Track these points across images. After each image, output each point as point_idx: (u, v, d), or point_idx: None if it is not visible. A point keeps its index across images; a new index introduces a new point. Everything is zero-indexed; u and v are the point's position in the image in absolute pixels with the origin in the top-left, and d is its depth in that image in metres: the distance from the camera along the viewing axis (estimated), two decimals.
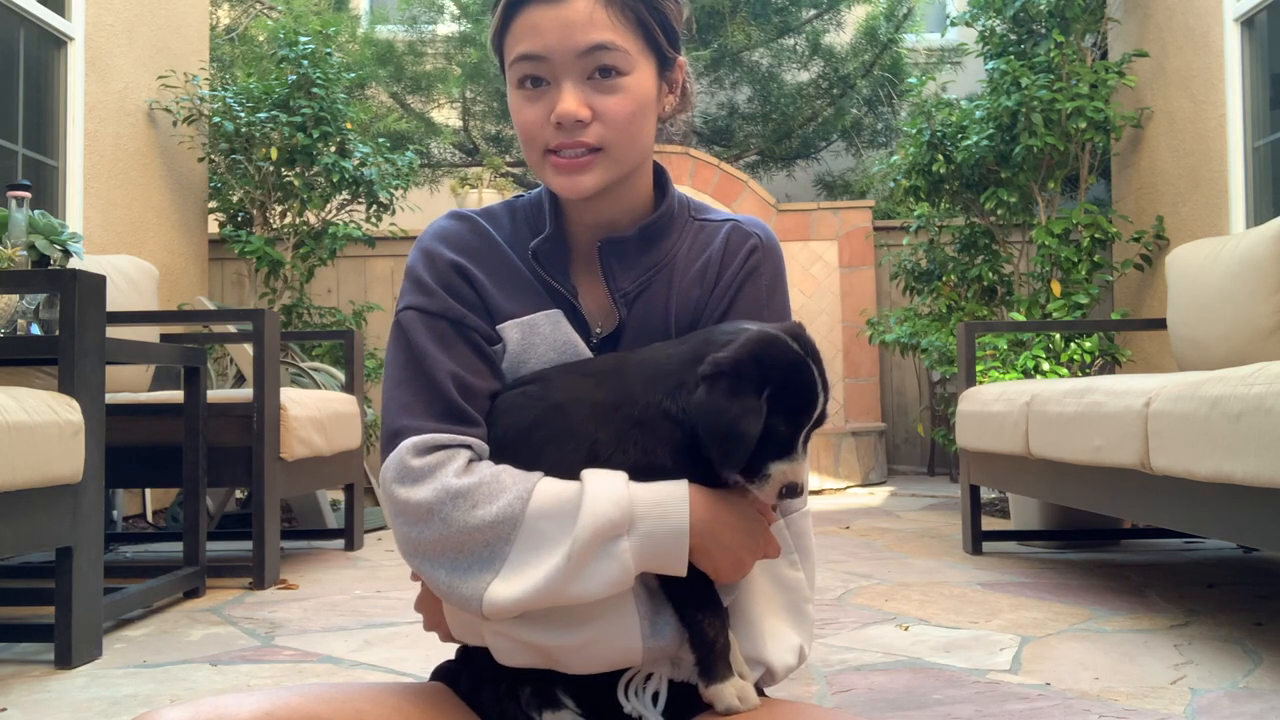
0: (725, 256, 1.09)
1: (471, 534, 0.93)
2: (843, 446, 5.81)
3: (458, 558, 0.94)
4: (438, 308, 1.03)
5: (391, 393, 1.02)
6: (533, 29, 1.00)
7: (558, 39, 0.99)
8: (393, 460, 0.98)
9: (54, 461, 2.08)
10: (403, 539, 0.97)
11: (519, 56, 1.01)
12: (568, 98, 0.99)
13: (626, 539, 0.92)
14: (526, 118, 1.02)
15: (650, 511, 0.93)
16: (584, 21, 0.99)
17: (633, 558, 0.92)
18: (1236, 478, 1.94)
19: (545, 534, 0.93)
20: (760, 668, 1.04)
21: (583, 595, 0.92)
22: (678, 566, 0.93)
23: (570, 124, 0.99)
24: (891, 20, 7.34)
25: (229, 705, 0.92)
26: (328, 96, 4.99)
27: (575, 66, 0.99)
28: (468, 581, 0.94)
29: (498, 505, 0.94)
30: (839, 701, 1.82)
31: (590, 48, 0.99)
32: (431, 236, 1.08)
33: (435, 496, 0.95)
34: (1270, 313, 2.92)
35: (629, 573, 0.92)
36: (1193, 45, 4.44)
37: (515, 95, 1.03)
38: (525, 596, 0.91)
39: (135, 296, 3.51)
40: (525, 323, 1.05)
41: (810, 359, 0.95)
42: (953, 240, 5.09)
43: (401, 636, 2.36)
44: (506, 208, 1.13)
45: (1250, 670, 1.98)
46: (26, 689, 1.99)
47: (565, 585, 0.91)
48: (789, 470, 0.93)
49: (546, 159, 1.03)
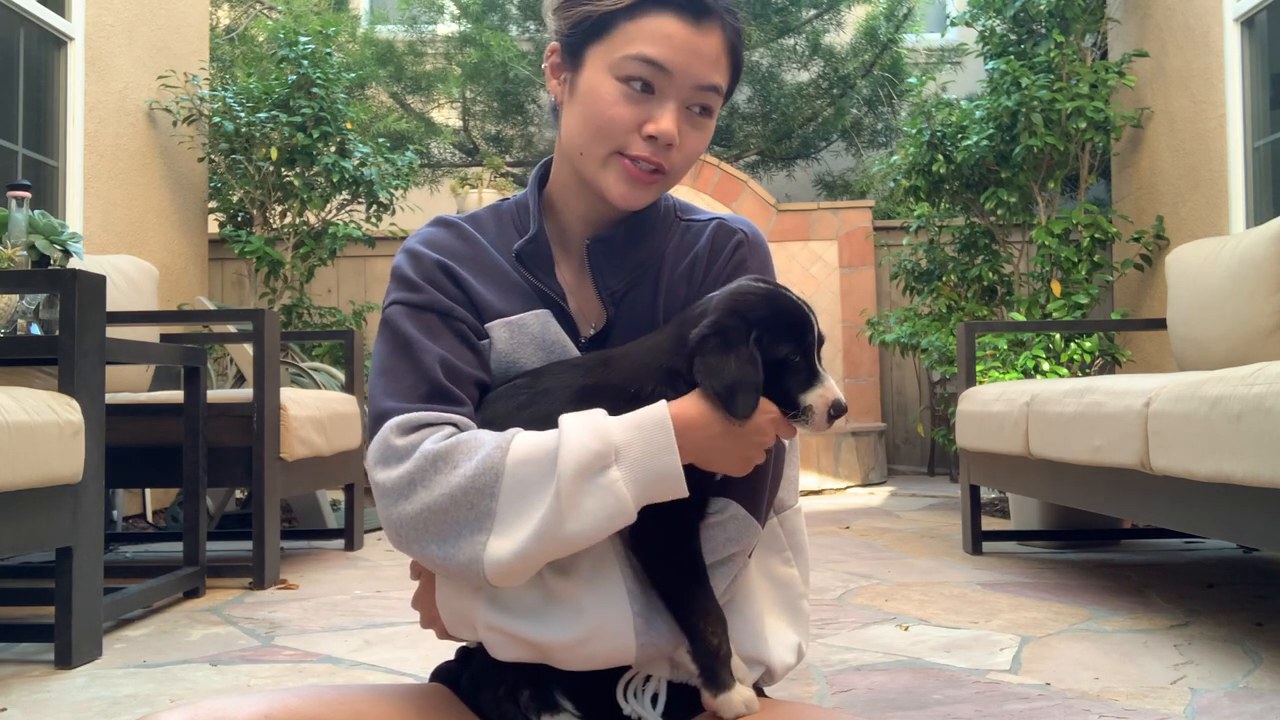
0: (711, 253, 1.10)
1: (454, 496, 0.92)
2: (843, 446, 5.81)
3: (445, 525, 0.92)
4: (424, 301, 1.04)
5: (377, 380, 1.02)
6: (667, 38, 1.00)
7: (686, 63, 1.00)
8: (377, 441, 0.97)
9: (54, 461, 2.08)
10: (388, 521, 0.96)
11: (644, 57, 1.00)
12: (671, 120, 1.01)
13: (615, 468, 0.90)
14: (618, 114, 1.01)
15: (634, 436, 0.91)
16: (714, 58, 1.02)
17: (626, 487, 0.89)
18: (1236, 478, 1.94)
19: (530, 480, 0.90)
20: (760, 667, 1.04)
21: (581, 534, 0.89)
22: (677, 487, 0.91)
23: (664, 145, 1.01)
24: (891, 20, 7.34)
25: (228, 707, 0.92)
26: (328, 96, 4.99)
27: (686, 94, 1.02)
28: (461, 547, 0.91)
29: (476, 459, 0.92)
30: (839, 701, 1.82)
31: (709, 86, 1.02)
32: (416, 241, 1.09)
33: (415, 465, 0.94)
34: (1270, 313, 2.92)
35: (625, 503, 0.89)
36: (1193, 45, 4.44)
37: (611, 85, 1.01)
38: (523, 546, 0.89)
39: (135, 296, 3.51)
40: (513, 322, 1.05)
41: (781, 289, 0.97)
42: (953, 240, 5.09)
43: (401, 636, 2.36)
44: (492, 211, 1.14)
45: (1250, 670, 1.98)
46: (26, 689, 1.99)
47: (560, 526, 0.89)
48: (824, 393, 0.94)
49: (615, 159, 1.03)
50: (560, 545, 0.90)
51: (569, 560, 0.96)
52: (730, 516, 1.00)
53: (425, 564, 0.96)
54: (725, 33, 1.02)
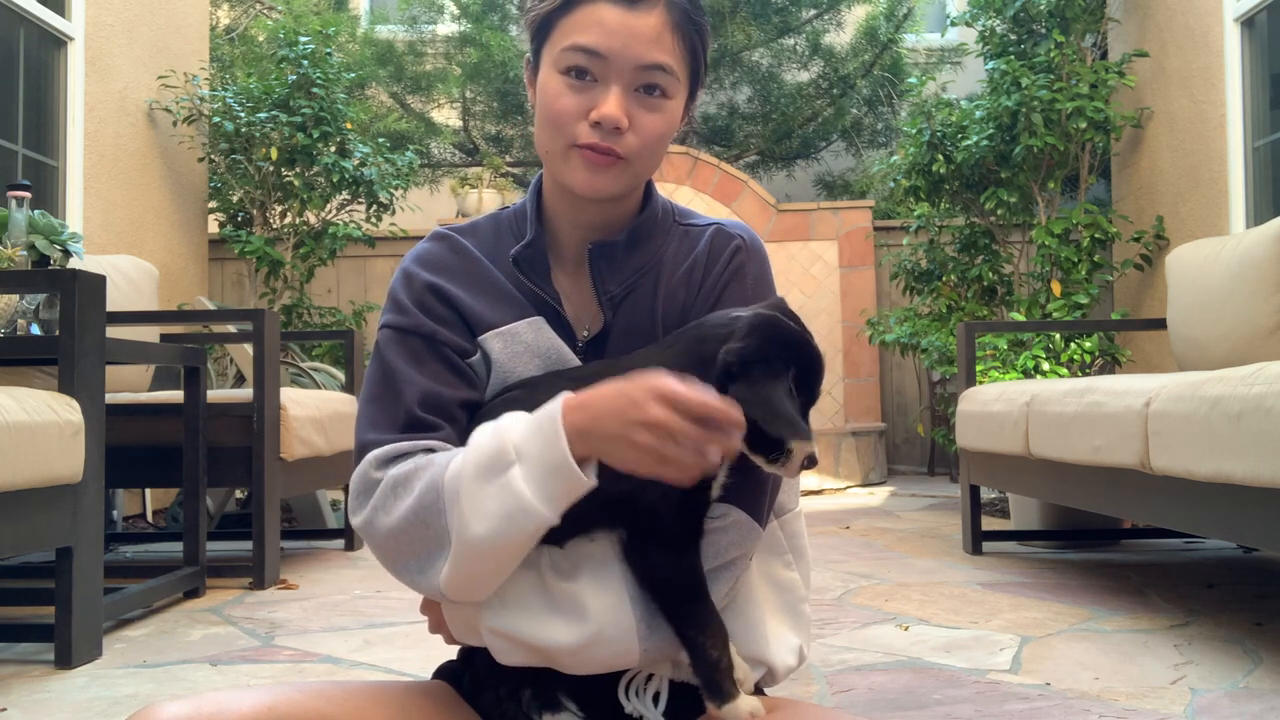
0: (710, 258, 1.10)
1: (409, 519, 0.94)
2: (843, 446, 5.81)
3: (413, 548, 0.94)
4: (410, 324, 1.05)
5: (363, 408, 1.04)
6: (599, 24, 1.00)
7: (622, 45, 1.00)
8: (357, 475, 1.00)
9: (54, 461, 2.08)
10: (376, 551, 0.98)
11: (577, 46, 1.00)
12: (614, 103, 1.00)
13: (516, 466, 0.90)
14: (564, 106, 1.01)
15: (530, 432, 0.90)
16: (652, 38, 1.01)
17: (525, 484, 0.89)
18: (1236, 478, 1.94)
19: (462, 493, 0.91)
20: (761, 668, 1.04)
21: (487, 538, 0.89)
22: (572, 478, 0.88)
23: (609, 129, 1.01)
24: (891, 20, 7.33)
25: (230, 700, 0.92)
26: (328, 96, 4.99)
27: (628, 76, 1.01)
28: (433, 567, 0.94)
29: (424, 480, 0.94)
30: (839, 701, 1.82)
31: (650, 65, 1.01)
32: (410, 259, 1.11)
33: (380, 494, 0.96)
34: (1270, 313, 2.92)
35: (523, 499, 0.88)
36: (1193, 45, 4.44)
37: (555, 79, 1.02)
38: (452, 560, 0.91)
39: (135, 296, 3.51)
40: (506, 332, 1.06)
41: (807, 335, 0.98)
42: (953, 240, 5.09)
43: (401, 636, 2.36)
44: (491, 220, 1.15)
45: (1250, 670, 1.98)
46: (26, 689, 1.99)
47: (465, 530, 0.90)
48: (805, 446, 0.94)
49: (572, 151, 1.03)
50: (476, 553, 0.90)
51: (571, 564, 0.96)
52: (732, 521, 1.00)
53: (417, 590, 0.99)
54: (669, 11, 1.02)
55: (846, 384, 6.22)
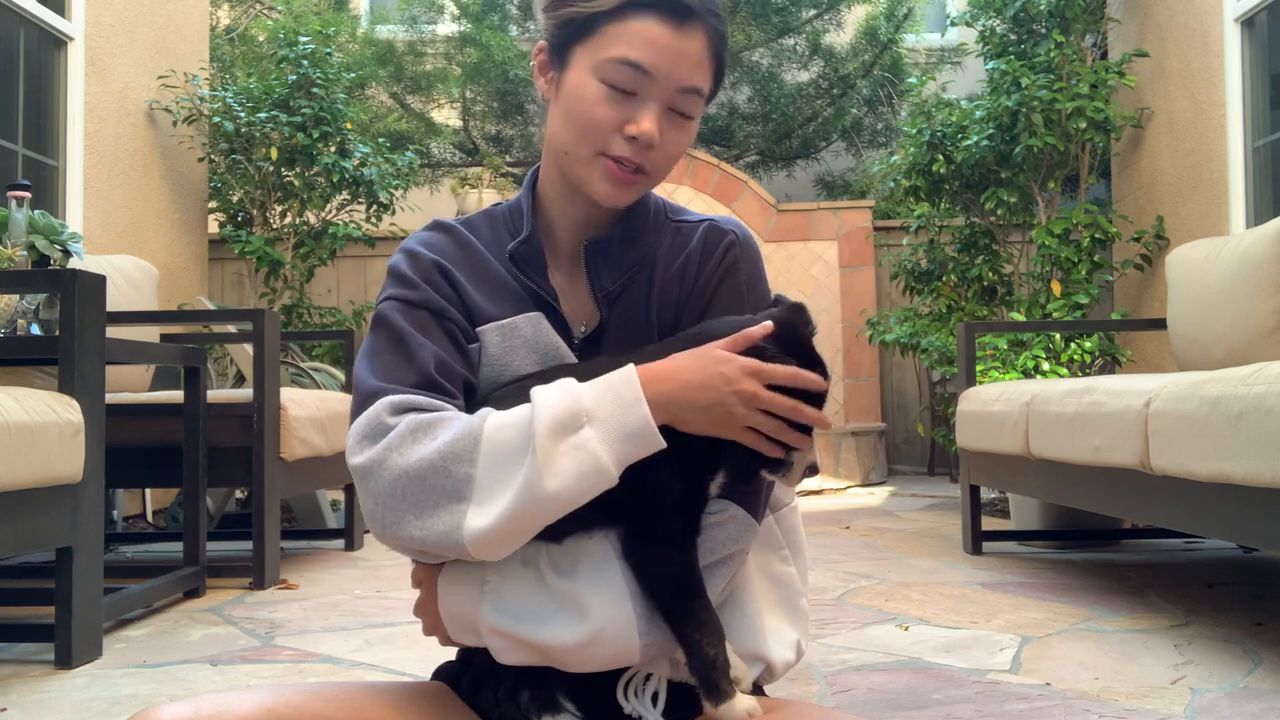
0: (703, 254, 1.11)
1: (433, 461, 0.91)
2: (843, 446, 5.81)
3: (422, 494, 0.91)
4: (419, 299, 1.04)
5: (368, 365, 1.01)
6: (649, 42, 1.00)
7: (669, 67, 1.01)
8: (366, 416, 0.96)
9: (54, 461, 2.08)
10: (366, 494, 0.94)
11: (625, 60, 1.00)
12: (652, 121, 1.02)
13: (588, 428, 0.91)
14: (601, 115, 1.02)
15: (603, 397, 0.92)
16: (695, 62, 1.02)
17: (601, 445, 0.90)
18: (1236, 478, 1.94)
19: (507, 444, 0.91)
20: (760, 664, 1.04)
21: (559, 495, 0.89)
22: (651, 441, 0.91)
23: (644, 145, 1.02)
24: (891, 20, 7.33)
25: (230, 701, 0.92)
26: (328, 96, 4.99)
27: (668, 96, 1.02)
28: (440, 517, 0.91)
29: (455, 428, 0.93)
30: (839, 701, 1.82)
31: (690, 89, 1.03)
32: (413, 241, 1.10)
33: (398, 433, 0.93)
34: (1270, 313, 2.92)
35: (601, 462, 0.90)
36: (1193, 45, 4.44)
37: (595, 87, 1.02)
38: (505, 511, 0.89)
39: (135, 296, 3.51)
40: (505, 325, 1.06)
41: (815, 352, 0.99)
42: (953, 240, 5.09)
43: (401, 636, 2.36)
44: (485, 215, 1.15)
45: (1250, 670, 1.98)
46: (26, 689, 1.99)
47: (538, 485, 0.89)
48: (808, 453, 0.97)
49: (599, 160, 1.03)
50: (540, 508, 0.90)
51: (570, 562, 0.96)
52: (729, 517, 1.00)
53: (404, 547, 0.95)
54: (708, 35, 1.03)
55: (846, 384, 6.22)
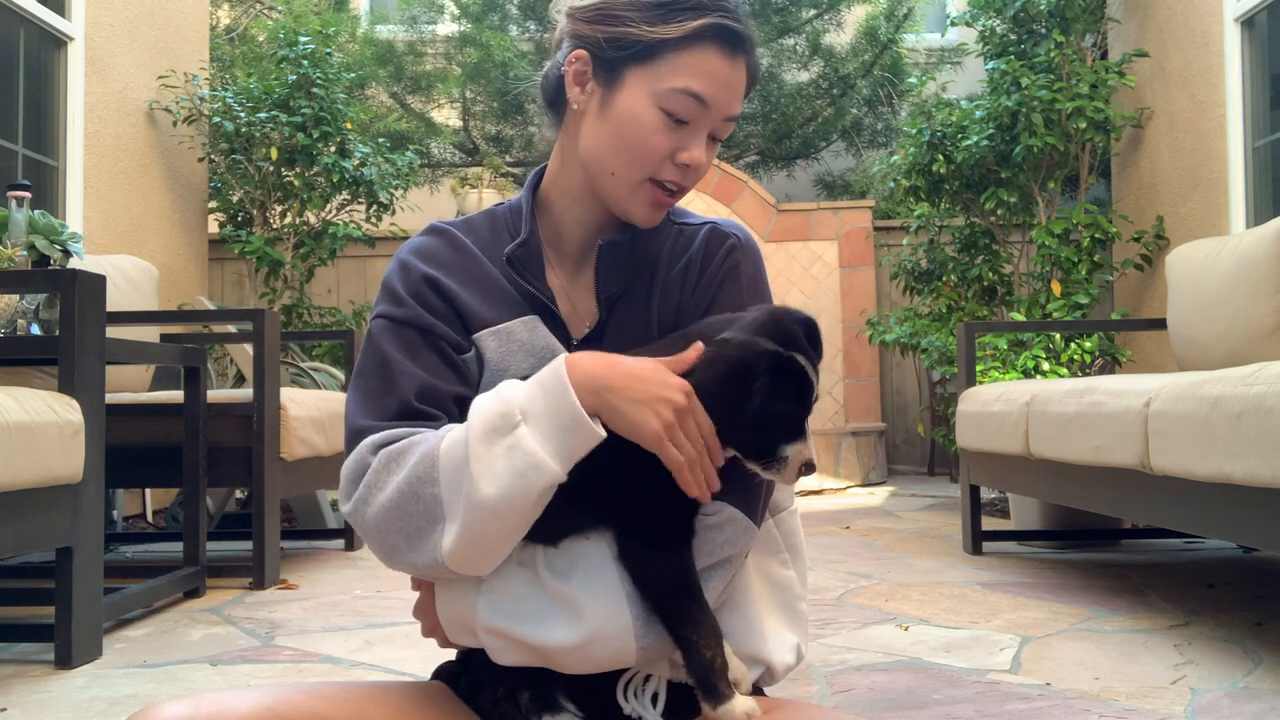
0: (705, 257, 1.11)
1: (402, 490, 0.94)
2: (843, 446, 5.81)
3: (404, 523, 0.94)
4: (406, 316, 1.05)
5: (355, 395, 1.04)
6: (711, 75, 1.02)
7: (724, 99, 1.03)
8: (351, 459, 0.99)
9: (54, 461, 2.08)
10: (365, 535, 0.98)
11: (691, 92, 1.01)
12: (703, 149, 1.05)
13: (523, 426, 0.91)
14: (658, 144, 1.03)
15: (534, 392, 0.93)
16: (739, 92, 1.05)
17: (536, 442, 0.90)
18: (1236, 478, 1.94)
19: (457, 458, 0.92)
20: (760, 667, 1.04)
21: (499, 498, 0.90)
22: (586, 432, 0.91)
23: (694, 173, 1.05)
24: (891, 20, 7.33)
25: (230, 701, 0.92)
26: (328, 96, 4.99)
27: (716, 125, 1.05)
28: (428, 541, 0.93)
29: (419, 451, 0.94)
30: (839, 701, 1.82)
31: (732, 118, 1.06)
32: (407, 250, 1.10)
33: (374, 470, 0.96)
34: (1270, 313, 2.92)
35: (537, 458, 0.90)
36: (1193, 45, 4.44)
37: (653, 114, 1.02)
38: (461, 526, 0.91)
39: (135, 296, 3.51)
40: (501, 330, 1.06)
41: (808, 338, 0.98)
42: (953, 240, 5.09)
43: (401, 636, 2.36)
44: (487, 216, 1.15)
45: (1250, 670, 1.98)
46: (26, 689, 1.99)
47: (476, 491, 0.90)
48: (803, 450, 0.95)
49: (645, 186, 1.05)
50: (488, 515, 0.91)
51: (567, 563, 0.96)
52: (727, 519, 1.00)
53: (412, 572, 0.98)
54: (750, 65, 1.06)
55: (846, 384, 6.22)
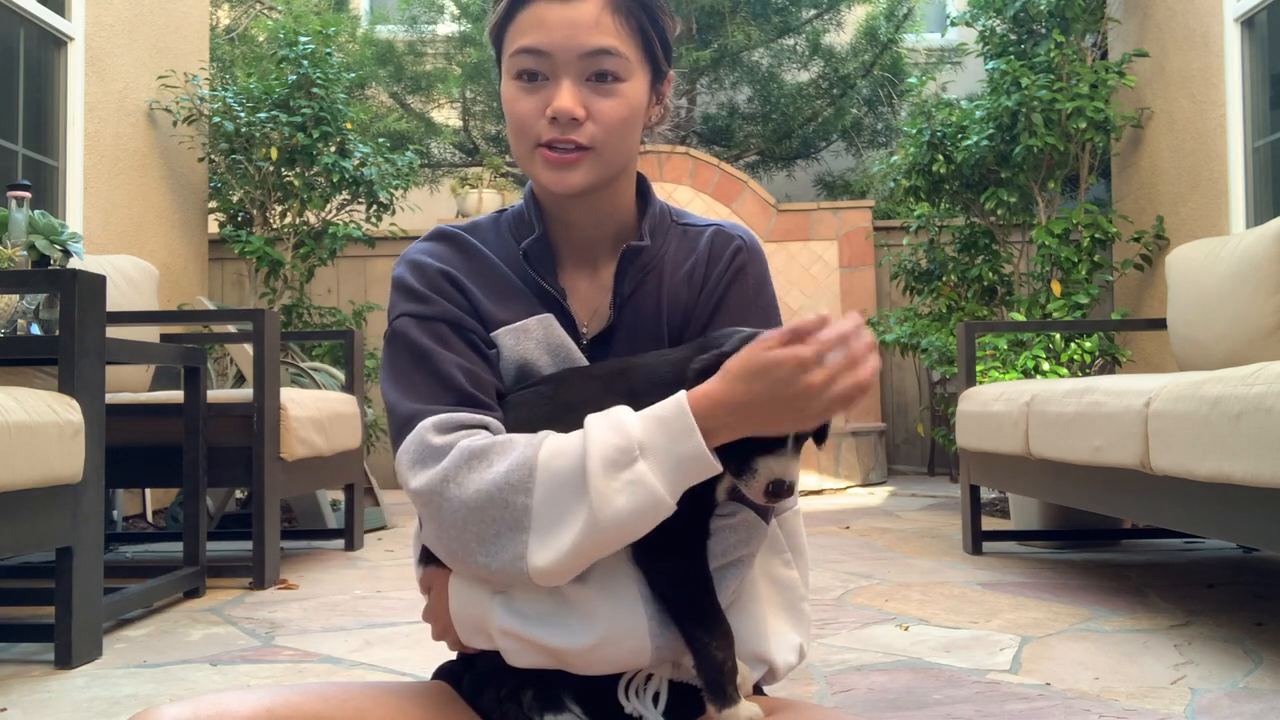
0: (711, 259, 1.11)
1: (490, 493, 0.92)
2: (843, 446, 5.81)
3: (484, 525, 0.92)
4: (433, 312, 1.04)
5: (397, 389, 1.01)
6: (538, 24, 1.01)
7: (563, 37, 1.00)
8: (412, 440, 0.97)
9: (54, 461, 2.08)
10: (431, 525, 0.95)
11: (521, 49, 1.02)
12: (566, 95, 1.01)
13: (641, 462, 0.90)
14: (521, 109, 1.03)
15: (654, 428, 0.91)
16: (591, 24, 1.01)
17: (656, 478, 0.90)
18: (1236, 478, 1.94)
19: (562, 474, 0.91)
20: (763, 666, 1.05)
21: (623, 529, 0.90)
22: (706, 467, 0.91)
23: (566, 120, 1.01)
24: (891, 20, 7.34)
25: (230, 702, 0.92)
26: (328, 96, 4.99)
27: (576, 66, 1.01)
28: (504, 546, 0.92)
29: (511, 456, 0.93)
30: (839, 701, 1.82)
31: (593, 51, 1.01)
32: (415, 252, 1.09)
33: (451, 462, 0.94)
34: (1270, 313, 2.92)
35: (656, 494, 0.90)
36: (1193, 45, 4.44)
37: (511, 86, 1.04)
38: (569, 547, 0.90)
39: (135, 296, 3.51)
40: (517, 329, 1.06)
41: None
42: (953, 240, 5.09)
43: (401, 637, 2.36)
44: (491, 220, 1.15)
45: (1250, 670, 1.98)
46: (26, 689, 1.99)
47: (598, 525, 0.89)
48: (775, 466, 0.92)
49: (536, 152, 1.03)
50: (603, 541, 0.91)
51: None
52: (740, 520, 1.01)
53: (473, 574, 0.96)
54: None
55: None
